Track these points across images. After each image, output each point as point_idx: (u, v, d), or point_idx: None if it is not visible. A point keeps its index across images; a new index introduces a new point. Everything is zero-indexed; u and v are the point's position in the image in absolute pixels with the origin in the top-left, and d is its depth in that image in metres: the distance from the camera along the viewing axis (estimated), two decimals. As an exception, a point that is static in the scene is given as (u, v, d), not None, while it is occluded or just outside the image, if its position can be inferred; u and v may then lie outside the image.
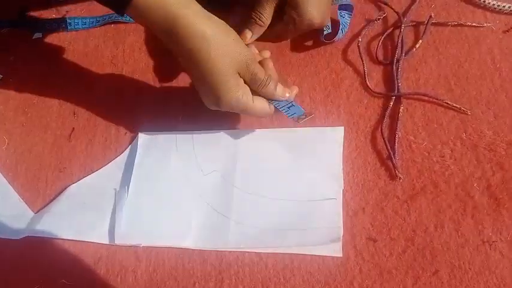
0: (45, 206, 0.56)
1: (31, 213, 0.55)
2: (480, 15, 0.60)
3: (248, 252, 0.50)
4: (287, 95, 0.53)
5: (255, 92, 0.51)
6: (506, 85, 0.55)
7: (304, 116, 0.53)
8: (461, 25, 0.60)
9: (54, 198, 0.56)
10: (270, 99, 0.52)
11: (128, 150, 0.58)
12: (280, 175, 0.53)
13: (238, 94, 0.49)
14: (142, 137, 0.57)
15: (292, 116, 0.53)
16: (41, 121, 0.62)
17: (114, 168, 0.56)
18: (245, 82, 0.50)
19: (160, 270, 0.50)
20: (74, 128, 0.61)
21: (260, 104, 0.51)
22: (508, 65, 0.56)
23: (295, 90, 0.54)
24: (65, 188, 0.56)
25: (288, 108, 0.53)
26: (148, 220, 0.53)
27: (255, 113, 0.51)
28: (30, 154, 0.60)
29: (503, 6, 0.59)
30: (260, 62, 0.52)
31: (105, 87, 0.63)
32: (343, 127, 0.55)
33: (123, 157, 0.57)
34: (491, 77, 0.56)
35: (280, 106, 0.52)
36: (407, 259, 0.47)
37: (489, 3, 0.60)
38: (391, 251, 0.48)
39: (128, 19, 0.67)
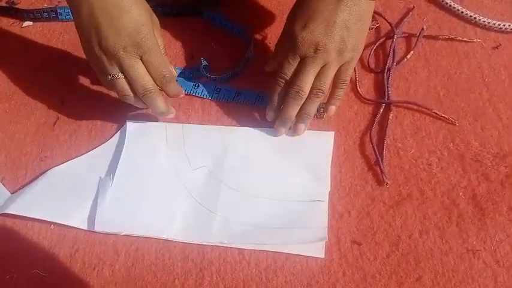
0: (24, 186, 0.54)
1: (8, 194, 0.53)
2: (471, 31, 0.62)
3: (230, 250, 0.49)
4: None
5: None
6: (494, 99, 0.56)
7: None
8: (452, 39, 0.61)
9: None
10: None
11: (115, 137, 0.56)
12: (268, 174, 0.53)
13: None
14: (131, 125, 0.56)
15: None
16: (25, 109, 0.60)
17: (100, 154, 0.55)
18: None
19: (139, 265, 0.49)
20: (58, 117, 0.59)
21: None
22: (496, 79, 0.57)
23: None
24: (46, 170, 0.54)
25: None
26: (131, 209, 0.51)
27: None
28: (11, 141, 0.58)
29: (493, 24, 0.61)
30: None
31: (93, 78, 0.62)
32: (333, 132, 0.55)
33: (109, 144, 0.56)
34: (479, 90, 0.57)
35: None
36: (391, 264, 0.47)
37: (480, 19, 0.61)
38: (375, 255, 0.47)
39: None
